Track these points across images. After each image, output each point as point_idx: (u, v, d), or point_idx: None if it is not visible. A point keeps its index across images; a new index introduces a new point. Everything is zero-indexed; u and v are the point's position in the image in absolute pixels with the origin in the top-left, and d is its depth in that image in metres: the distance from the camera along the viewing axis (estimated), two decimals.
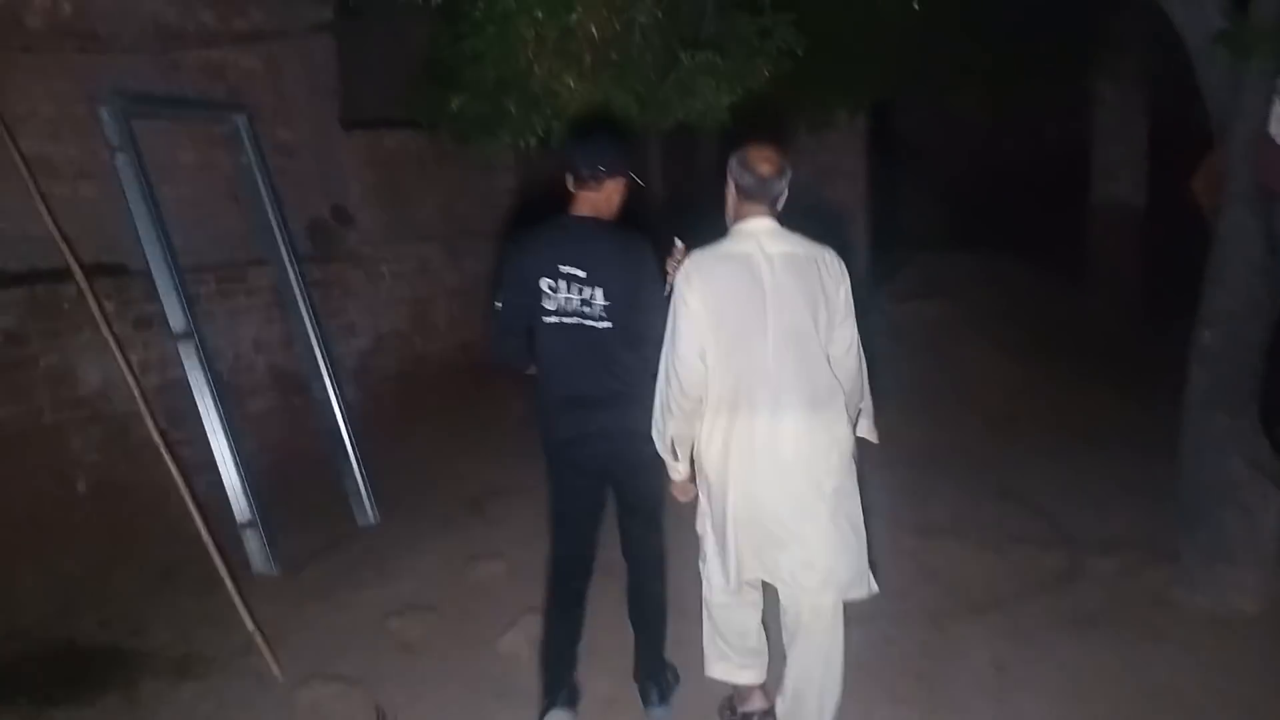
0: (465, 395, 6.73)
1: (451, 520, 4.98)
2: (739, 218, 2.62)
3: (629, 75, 4.83)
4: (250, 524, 4.29)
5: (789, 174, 2.60)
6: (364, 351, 5.74)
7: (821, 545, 2.56)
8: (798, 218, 2.70)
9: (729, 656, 2.84)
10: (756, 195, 2.57)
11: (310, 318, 4.92)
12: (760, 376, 2.50)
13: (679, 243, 2.78)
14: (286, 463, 5.12)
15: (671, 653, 3.16)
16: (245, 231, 4.96)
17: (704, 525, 2.73)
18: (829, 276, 2.57)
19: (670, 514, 3.09)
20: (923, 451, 5.61)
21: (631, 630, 3.11)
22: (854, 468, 2.65)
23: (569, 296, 2.74)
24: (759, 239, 2.55)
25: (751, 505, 2.56)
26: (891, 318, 7.33)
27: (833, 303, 2.56)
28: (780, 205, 2.63)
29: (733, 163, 2.61)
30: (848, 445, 2.61)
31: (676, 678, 3.14)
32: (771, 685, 2.86)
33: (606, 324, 2.74)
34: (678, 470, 2.72)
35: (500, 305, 2.87)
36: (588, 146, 2.89)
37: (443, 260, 6.49)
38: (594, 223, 2.83)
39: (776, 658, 2.85)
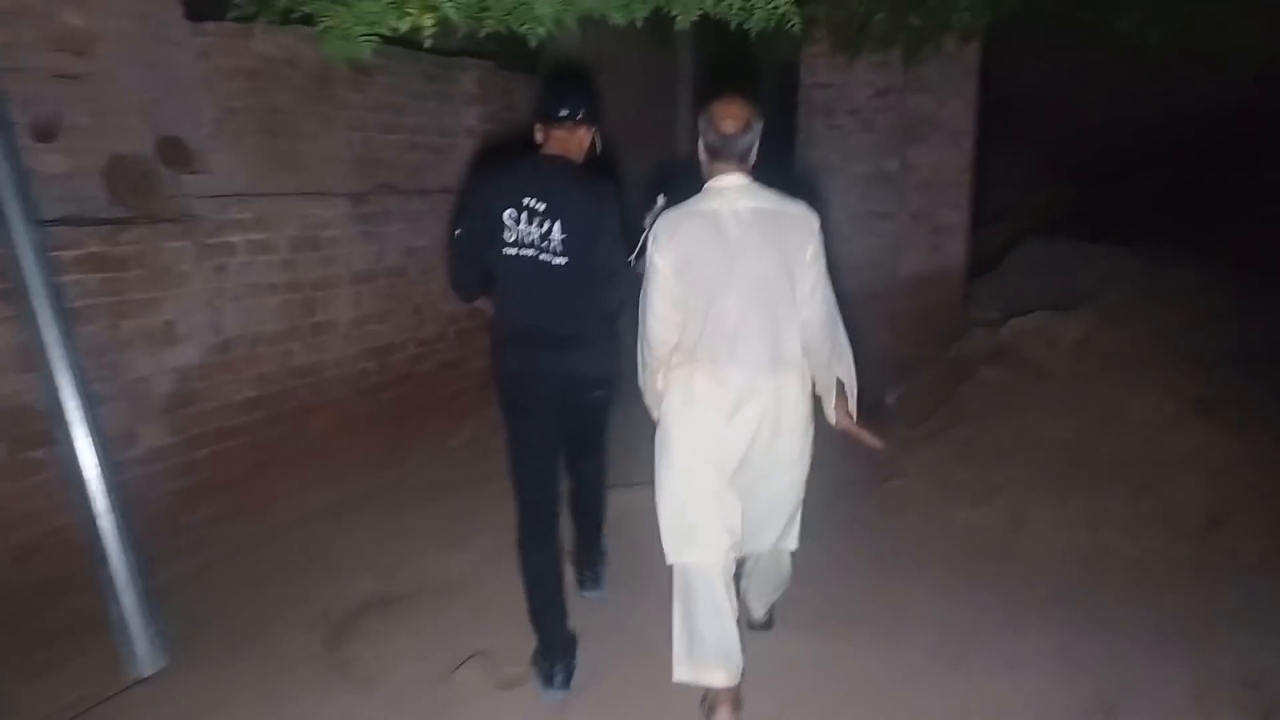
0: (373, 431, 4.74)
1: (285, 669, 3.03)
2: (710, 175, 2.63)
3: None
4: None
5: (757, 127, 2.59)
6: (188, 370, 3.75)
7: (768, 506, 2.71)
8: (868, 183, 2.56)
9: (695, 654, 2.66)
10: (723, 152, 2.59)
11: (54, 318, 2.94)
12: (725, 331, 2.55)
13: (662, 198, 2.77)
14: (16, 564, 3.17)
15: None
16: None
17: (658, 472, 2.72)
18: (798, 233, 2.57)
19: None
20: (1082, 580, 3.53)
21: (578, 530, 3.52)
22: (812, 429, 2.68)
23: (529, 229, 2.78)
24: (727, 196, 2.57)
25: (704, 458, 2.61)
26: (1005, 336, 5.21)
27: (802, 258, 2.56)
28: (751, 159, 2.62)
29: (700, 120, 2.62)
30: (809, 405, 2.65)
31: (605, 559, 3.60)
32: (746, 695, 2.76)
33: (562, 260, 2.78)
34: (657, 418, 2.78)
35: (459, 232, 2.92)
36: (564, 87, 2.97)
37: (348, 227, 4.48)
38: (562, 160, 2.88)
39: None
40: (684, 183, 2.76)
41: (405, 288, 4.90)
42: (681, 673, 2.67)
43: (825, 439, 2.79)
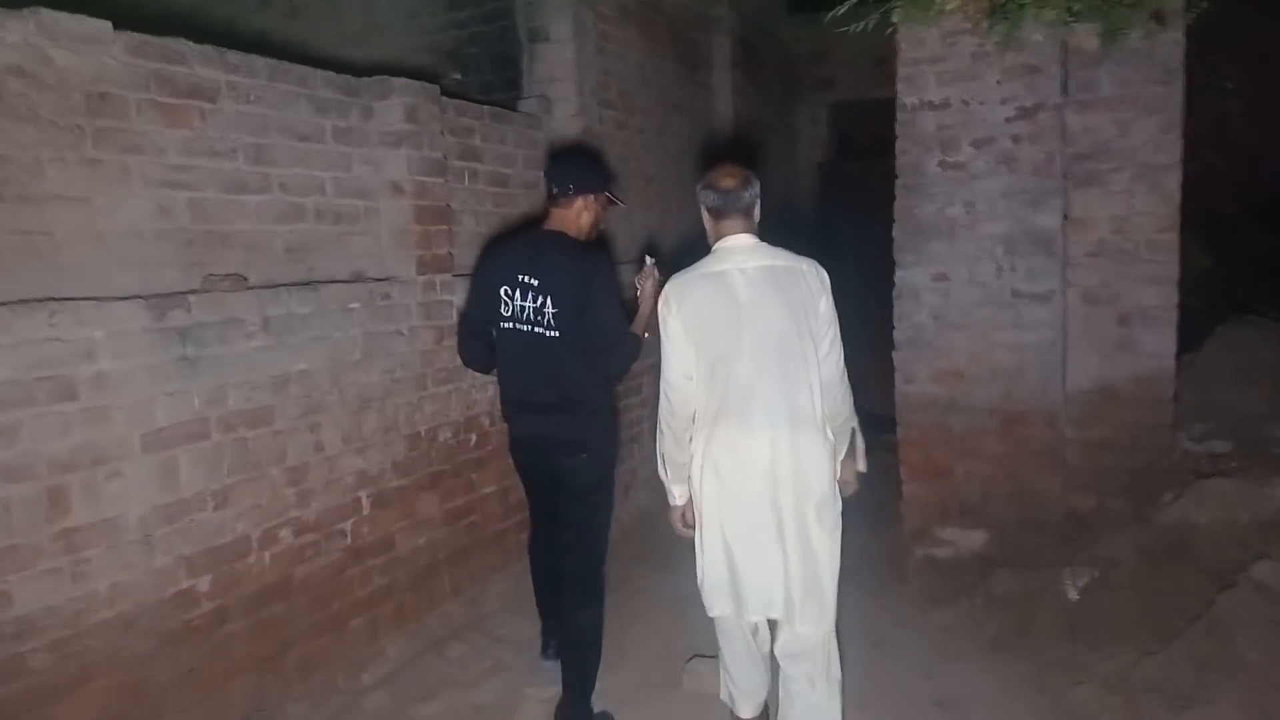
0: (203, 697, 2.79)
1: None
2: (716, 237, 2.71)
3: None
4: None
5: (755, 185, 2.69)
6: None
7: (803, 572, 2.59)
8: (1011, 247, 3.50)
9: (726, 683, 2.93)
10: (726, 211, 2.67)
11: None
12: (740, 392, 2.56)
13: (648, 260, 3.16)
14: None
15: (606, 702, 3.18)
16: None
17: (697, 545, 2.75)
18: (809, 288, 2.61)
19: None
20: None
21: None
22: (837, 490, 2.69)
23: (523, 305, 2.99)
24: (735, 256, 2.64)
25: (729, 524, 2.61)
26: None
27: (815, 314, 2.60)
28: (755, 217, 2.70)
29: (699, 189, 2.73)
30: (830, 464, 2.64)
31: None
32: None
33: (555, 333, 2.96)
34: (673, 495, 2.80)
35: (466, 311, 3.40)
36: (553, 166, 3.40)
37: (143, 354, 2.62)
38: (557, 236, 3.07)
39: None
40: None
41: (269, 444, 3.00)
42: (724, 694, 2.96)
43: None
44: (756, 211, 2.69)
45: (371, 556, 3.42)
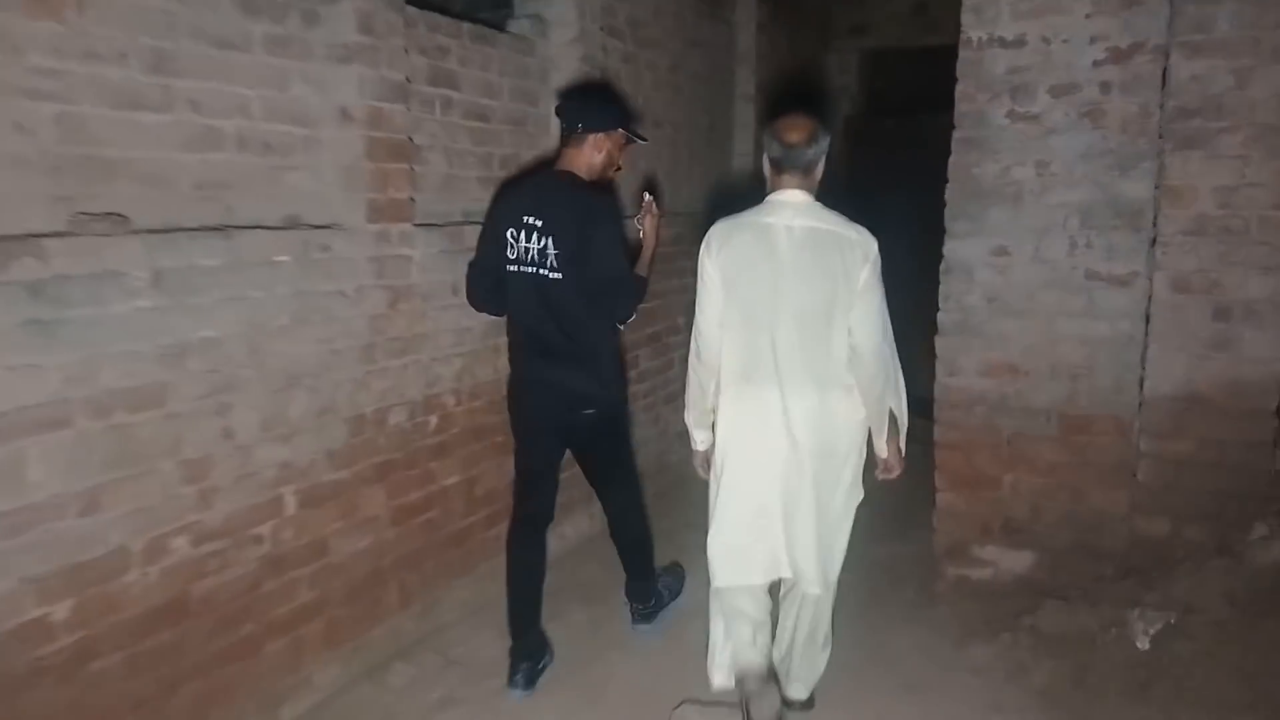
0: None
1: None
2: (773, 188, 2.61)
3: None
4: None
5: (822, 142, 2.55)
6: None
7: (816, 532, 2.57)
8: (1088, 219, 3.10)
9: (720, 661, 2.81)
10: (786, 165, 2.56)
11: None
12: (768, 349, 2.53)
13: (647, 195, 3.14)
14: None
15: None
16: None
17: (710, 493, 2.73)
18: (852, 256, 2.49)
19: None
20: None
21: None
22: (861, 458, 2.67)
23: (528, 246, 2.93)
24: (784, 211, 2.55)
25: (748, 479, 2.59)
26: None
27: (853, 283, 2.48)
28: (816, 174, 2.59)
29: (765, 135, 2.64)
30: (857, 430, 2.63)
31: (672, 592, 3.53)
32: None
33: (558, 275, 2.90)
34: (696, 440, 2.81)
35: (475, 256, 3.14)
36: (570, 102, 3.25)
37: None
38: (565, 176, 3.01)
39: None
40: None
41: (159, 431, 2.37)
42: (720, 679, 2.80)
43: None
44: (819, 169, 2.59)
45: (297, 566, 2.81)
